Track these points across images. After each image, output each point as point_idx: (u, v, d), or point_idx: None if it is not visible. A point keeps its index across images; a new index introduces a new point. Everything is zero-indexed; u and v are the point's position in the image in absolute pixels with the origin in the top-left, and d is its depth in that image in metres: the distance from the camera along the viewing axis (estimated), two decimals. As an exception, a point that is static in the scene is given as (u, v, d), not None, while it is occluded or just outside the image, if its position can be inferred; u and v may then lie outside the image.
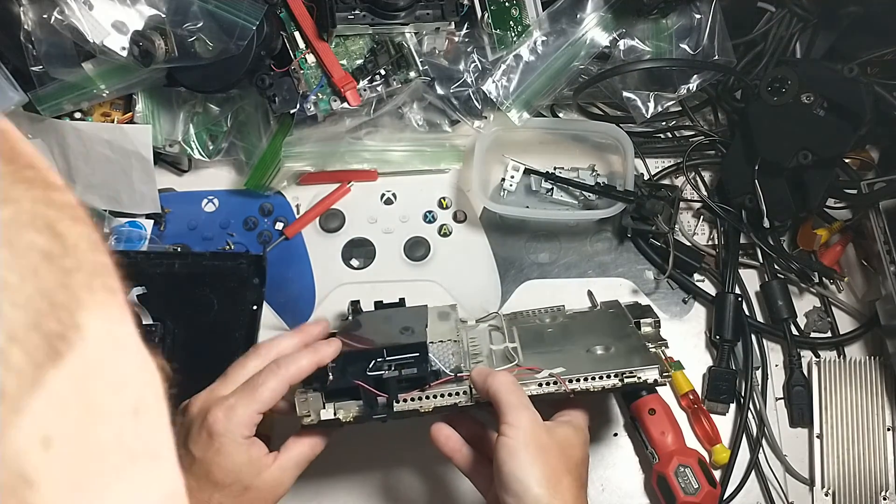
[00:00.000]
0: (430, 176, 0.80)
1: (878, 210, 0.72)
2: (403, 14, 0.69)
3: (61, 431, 0.16)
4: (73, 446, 0.16)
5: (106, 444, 0.17)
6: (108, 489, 0.17)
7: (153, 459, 0.19)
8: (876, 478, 0.70)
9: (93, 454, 0.17)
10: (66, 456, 0.16)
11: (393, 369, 0.58)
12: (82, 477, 0.16)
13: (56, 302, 0.16)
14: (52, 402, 0.16)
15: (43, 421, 0.15)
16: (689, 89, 0.75)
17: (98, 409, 0.17)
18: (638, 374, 0.59)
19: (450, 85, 0.75)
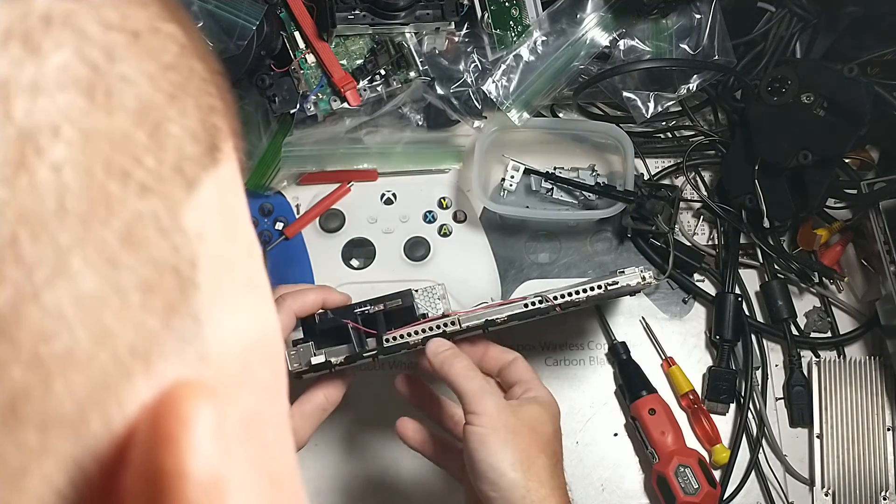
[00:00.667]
0: (430, 176, 0.80)
1: (878, 210, 0.72)
2: (403, 14, 0.69)
3: (211, 233, 0.16)
4: (217, 252, 0.17)
5: (236, 263, 0.18)
6: (236, 304, 0.17)
7: (264, 293, 0.20)
8: (876, 478, 0.70)
9: (227, 266, 0.17)
10: (213, 256, 0.16)
11: (379, 305, 0.59)
12: (222, 281, 0.17)
13: (210, 120, 0.17)
14: (203, 201, 0.16)
15: (200, 215, 0.16)
16: (689, 89, 0.75)
17: (231, 232, 0.18)
18: (620, 281, 0.59)
19: (450, 85, 0.75)
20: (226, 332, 0.17)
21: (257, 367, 0.18)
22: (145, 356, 0.14)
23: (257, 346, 0.19)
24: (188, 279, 0.15)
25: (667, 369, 0.75)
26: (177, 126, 0.16)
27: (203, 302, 0.16)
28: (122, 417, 0.14)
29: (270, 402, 0.19)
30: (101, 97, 0.14)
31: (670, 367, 0.74)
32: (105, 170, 0.14)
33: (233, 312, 0.17)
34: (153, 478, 0.13)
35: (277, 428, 0.19)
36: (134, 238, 0.14)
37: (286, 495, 0.18)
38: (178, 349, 0.15)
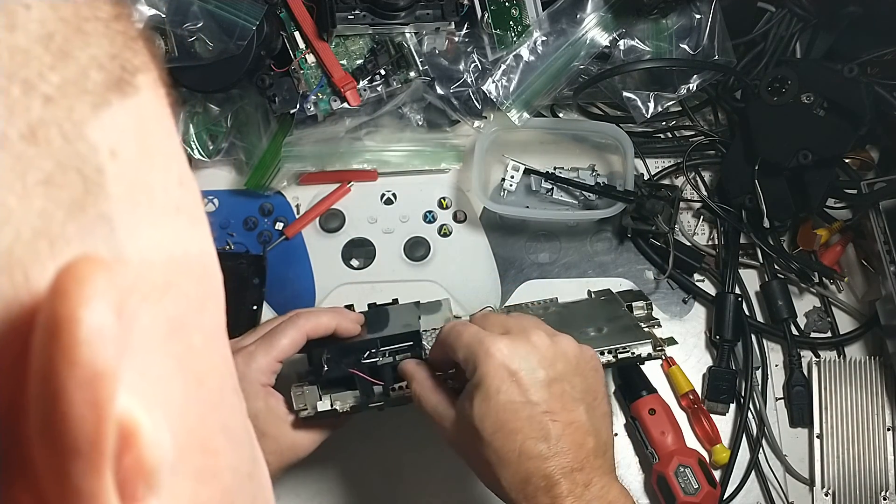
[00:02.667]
0: (430, 176, 0.80)
1: (878, 210, 0.72)
2: (403, 14, 0.69)
3: (124, 153, 0.18)
4: (132, 171, 0.19)
5: (156, 187, 0.20)
6: (157, 222, 0.19)
7: (195, 220, 0.22)
8: (876, 478, 0.70)
9: (146, 187, 0.19)
10: (127, 173, 0.18)
11: (388, 356, 0.58)
12: (139, 197, 0.19)
13: (122, 54, 0.19)
14: (116, 123, 0.18)
15: (110, 134, 0.18)
16: (689, 89, 0.75)
17: (151, 157, 0.20)
18: (632, 350, 0.59)
19: (450, 85, 0.75)
20: (147, 241, 0.19)
21: (183, 280, 0.20)
22: (50, 239, 0.16)
23: (183, 262, 0.21)
24: (94, 183, 0.17)
25: (667, 369, 0.75)
26: (83, 54, 0.18)
27: (116, 209, 0.18)
28: (29, 291, 0.16)
29: (197, 312, 0.21)
30: (2, 18, 0.16)
31: (670, 367, 0.74)
32: (5, 76, 0.16)
33: (155, 227, 0.19)
34: (51, 324, 0.15)
35: (205, 335, 0.21)
36: (37, 137, 0.16)
37: (207, 392, 0.20)
38: (85, 240, 0.17)
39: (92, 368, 0.15)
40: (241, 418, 0.24)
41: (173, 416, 0.17)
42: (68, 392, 0.15)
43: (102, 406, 0.15)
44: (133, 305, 0.18)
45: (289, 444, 0.59)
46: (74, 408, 0.15)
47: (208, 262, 0.22)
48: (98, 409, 0.15)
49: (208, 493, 0.20)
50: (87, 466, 0.15)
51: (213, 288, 0.22)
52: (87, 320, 0.15)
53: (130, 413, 0.16)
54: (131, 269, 0.18)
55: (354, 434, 0.69)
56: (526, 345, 0.51)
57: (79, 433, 0.15)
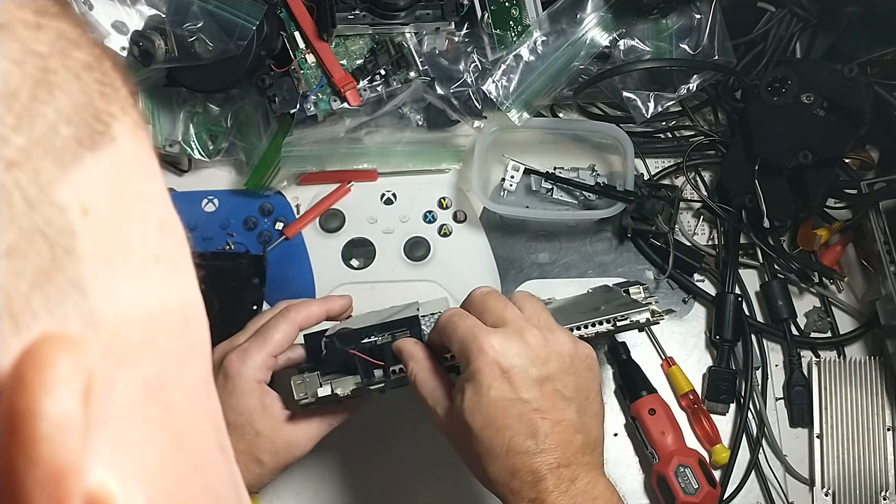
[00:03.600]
0: (430, 176, 0.80)
1: (878, 210, 0.72)
2: (403, 14, 0.69)
3: (97, 209, 0.17)
4: (106, 227, 0.18)
5: (134, 239, 0.19)
6: (135, 277, 0.18)
7: (176, 267, 0.21)
8: (876, 478, 0.70)
9: (122, 242, 0.18)
10: (100, 230, 0.17)
11: (387, 336, 0.58)
12: (114, 254, 0.18)
13: (94, 104, 0.18)
14: (88, 179, 0.17)
15: (81, 191, 0.17)
16: (689, 89, 0.75)
17: (127, 209, 0.19)
18: (629, 317, 0.59)
19: (450, 85, 0.75)
20: (123, 299, 0.18)
21: (161, 335, 0.19)
22: (12, 315, 0.15)
23: (162, 317, 0.19)
24: (63, 248, 0.16)
25: (667, 369, 0.75)
26: (49, 109, 0.17)
27: (88, 271, 0.17)
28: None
29: (177, 369, 0.20)
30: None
31: (670, 368, 0.74)
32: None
33: (131, 284, 0.18)
34: (10, 417, 0.14)
35: (186, 393, 0.20)
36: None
37: (187, 453, 0.19)
38: (53, 310, 0.16)
39: (54, 465, 0.14)
40: (225, 475, 0.23)
41: (150, 483, 0.17)
42: (30, 492, 0.14)
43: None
44: (108, 370, 0.17)
45: (284, 444, 0.58)
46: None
47: (190, 311, 0.21)
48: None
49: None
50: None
51: (196, 339, 0.21)
52: (48, 412, 0.14)
53: (104, 487, 0.15)
54: (105, 333, 0.17)
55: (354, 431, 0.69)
56: (519, 342, 0.51)
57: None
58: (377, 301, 0.74)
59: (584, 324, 0.59)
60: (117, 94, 0.19)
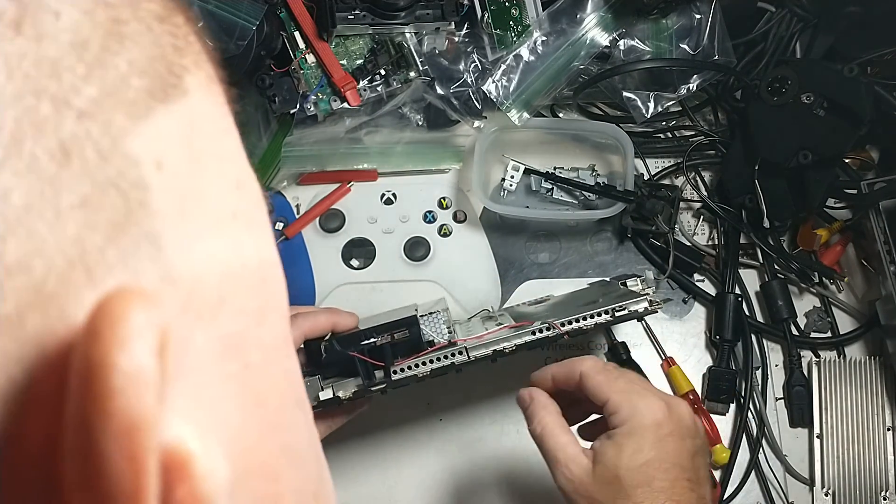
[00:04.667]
0: (430, 176, 0.80)
1: (878, 210, 0.72)
2: (403, 14, 0.69)
3: (171, 163, 0.17)
4: (181, 182, 0.17)
5: (210, 195, 0.18)
6: (211, 233, 0.18)
7: (253, 225, 0.20)
8: (876, 478, 0.70)
9: (198, 197, 0.18)
10: (175, 185, 0.17)
11: (386, 337, 0.58)
12: (190, 209, 0.17)
13: (167, 57, 0.17)
14: (161, 132, 0.17)
15: (155, 144, 0.16)
16: (689, 89, 0.75)
17: (202, 164, 0.18)
18: (628, 307, 0.59)
19: (450, 85, 0.75)
20: (200, 256, 0.17)
21: (239, 293, 0.19)
22: (87, 267, 0.15)
23: (239, 274, 0.19)
24: (137, 201, 0.16)
25: (667, 369, 0.75)
26: (121, 60, 0.16)
27: (163, 225, 0.17)
28: (66, 325, 0.15)
29: (255, 327, 0.19)
30: (28, 27, 0.15)
31: (670, 367, 0.74)
32: (33, 94, 0.14)
33: (208, 240, 0.18)
34: (84, 371, 0.14)
35: (264, 351, 0.20)
36: (70, 157, 0.15)
37: (266, 412, 0.19)
38: (128, 264, 0.16)
39: (128, 419, 0.14)
40: (305, 435, 0.22)
41: (229, 442, 0.16)
42: (103, 445, 0.13)
43: (140, 459, 0.14)
44: (184, 326, 0.17)
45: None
46: (110, 462, 0.14)
47: (268, 270, 0.21)
48: (136, 462, 0.14)
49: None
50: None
51: (274, 298, 0.21)
52: (123, 366, 0.13)
53: (182, 443, 0.15)
54: (182, 289, 0.17)
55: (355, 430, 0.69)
56: (678, 415, 0.52)
57: (116, 488, 0.14)
58: (377, 301, 0.74)
59: (583, 315, 0.59)
60: (190, 47, 0.19)
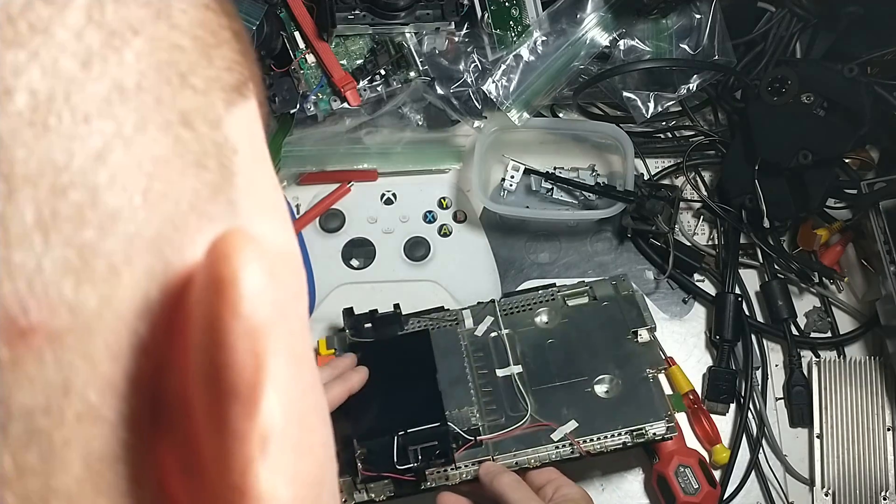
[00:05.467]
0: (430, 176, 0.80)
1: (878, 210, 0.72)
2: (403, 14, 0.69)
3: (241, 151, 0.20)
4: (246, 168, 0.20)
5: (261, 186, 0.22)
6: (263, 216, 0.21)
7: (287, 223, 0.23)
8: (876, 478, 0.70)
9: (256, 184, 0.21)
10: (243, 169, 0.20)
11: (420, 458, 0.63)
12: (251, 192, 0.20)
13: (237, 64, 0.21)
14: (237, 123, 0.20)
15: (234, 132, 0.20)
16: (689, 89, 0.75)
17: (258, 159, 0.22)
18: (647, 430, 0.64)
19: (450, 85, 0.75)
20: (258, 229, 0.20)
21: (283, 270, 0.22)
22: (198, 214, 0.18)
23: (283, 253, 0.22)
24: (228, 171, 0.19)
25: (667, 369, 0.75)
26: (218, 56, 0.20)
27: (240, 197, 0.20)
28: (182, 259, 0.18)
29: (294, 302, 0.23)
30: (164, 18, 0.18)
31: (670, 367, 0.74)
32: (169, 67, 0.18)
33: (262, 220, 0.21)
34: (216, 283, 0.16)
35: (300, 322, 0.23)
36: (191, 123, 0.18)
37: (304, 372, 0.22)
38: (221, 220, 0.19)
39: (254, 321, 0.16)
40: (325, 402, 0.25)
41: (280, 390, 0.19)
42: (232, 340, 0.16)
43: (261, 355, 0.17)
44: None
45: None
46: (238, 354, 0.16)
47: (298, 260, 0.24)
48: (258, 357, 0.16)
49: (305, 466, 0.21)
50: (244, 410, 0.17)
51: (303, 283, 0.24)
52: (249, 279, 0.16)
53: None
54: None
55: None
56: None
57: (240, 378, 0.16)
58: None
59: (604, 435, 0.64)
60: (251, 60, 0.22)
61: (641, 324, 0.69)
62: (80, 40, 0.16)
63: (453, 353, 0.69)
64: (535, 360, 0.69)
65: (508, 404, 0.67)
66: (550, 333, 0.70)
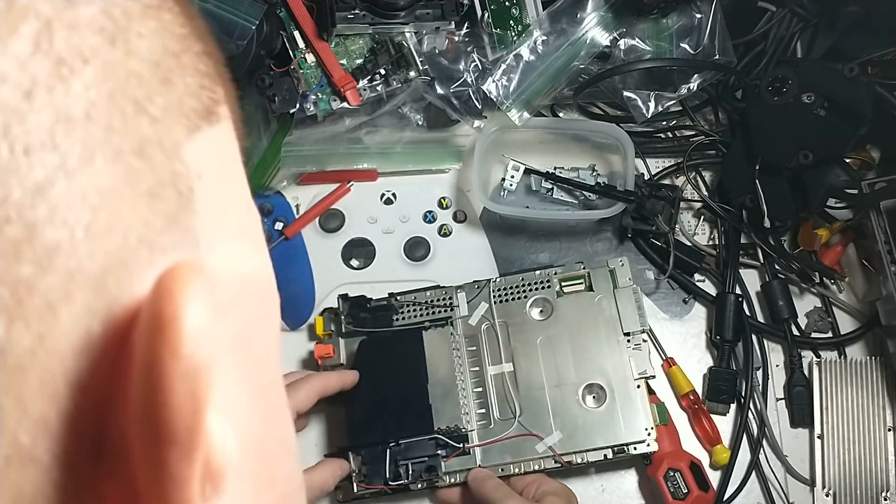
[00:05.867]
0: (430, 176, 0.80)
1: (878, 210, 0.72)
2: (403, 14, 0.69)
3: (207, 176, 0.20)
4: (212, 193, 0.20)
5: (230, 209, 0.21)
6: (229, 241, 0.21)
7: (258, 245, 0.23)
8: (877, 478, 0.70)
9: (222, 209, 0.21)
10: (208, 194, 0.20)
11: (410, 474, 0.67)
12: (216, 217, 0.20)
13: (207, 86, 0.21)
14: (202, 148, 0.20)
15: (198, 157, 0.19)
16: (690, 89, 0.75)
17: (227, 183, 0.21)
18: (626, 449, 0.67)
19: (450, 85, 0.75)
20: (221, 257, 0.20)
21: (248, 296, 0.22)
22: (150, 246, 0.17)
23: (249, 279, 0.22)
24: (186, 199, 0.19)
25: (667, 370, 0.75)
26: (181, 82, 0.19)
27: (200, 225, 0.19)
28: (131, 293, 0.17)
29: (260, 328, 0.22)
30: (121, 44, 0.18)
31: (671, 368, 0.74)
32: (123, 96, 0.17)
33: (227, 246, 0.21)
34: (156, 321, 0.16)
35: (266, 350, 0.23)
36: (144, 153, 0.18)
37: (270, 404, 0.22)
38: (177, 250, 0.18)
39: (193, 362, 0.16)
40: (292, 431, 0.25)
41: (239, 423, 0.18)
42: (170, 381, 0.16)
43: (200, 398, 0.16)
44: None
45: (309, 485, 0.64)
46: (175, 397, 0.16)
47: (268, 283, 0.24)
48: (196, 400, 0.16)
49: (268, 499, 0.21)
50: (182, 454, 0.16)
51: (273, 307, 0.24)
52: (191, 318, 0.16)
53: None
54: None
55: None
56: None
57: (177, 421, 0.16)
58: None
59: (585, 450, 0.67)
60: (222, 80, 0.22)
61: (634, 326, 0.69)
62: (25, 70, 0.16)
63: (445, 353, 0.71)
64: (526, 358, 0.70)
65: (497, 408, 0.69)
66: (543, 330, 0.70)
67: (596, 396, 0.68)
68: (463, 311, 0.72)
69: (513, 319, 0.71)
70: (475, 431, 0.68)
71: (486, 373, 0.70)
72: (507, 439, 0.67)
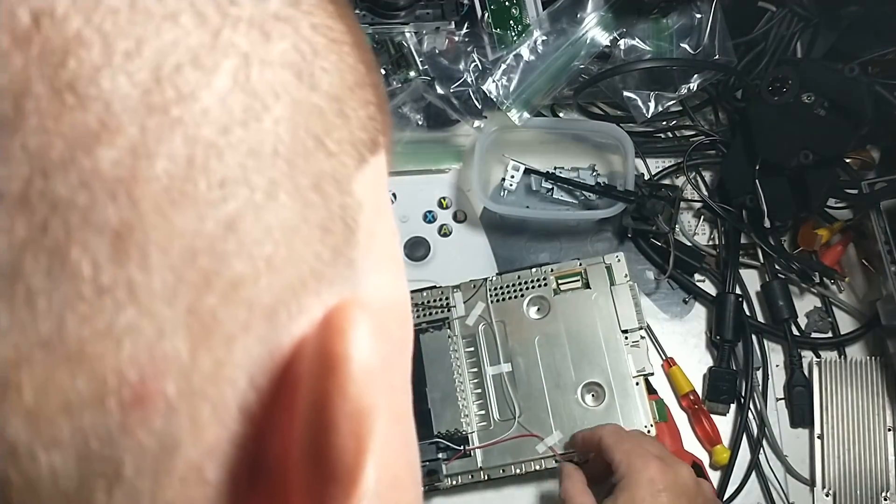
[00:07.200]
0: (430, 176, 0.80)
1: (878, 210, 0.72)
2: (403, 14, 0.69)
3: (366, 206, 0.20)
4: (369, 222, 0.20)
5: (380, 237, 0.22)
6: (379, 268, 0.21)
7: (399, 270, 0.24)
8: (877, 478, 0.70)
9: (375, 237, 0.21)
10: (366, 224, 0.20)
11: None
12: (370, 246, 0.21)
13: (372, 115, 0.21)
14: (365, 178, 0.20)
15: (363, 188, 0.20)
16: (690, 89, 0.75)
17: (380, 210, 0.22)
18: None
19: (450, 84, 0.75)
20: (371, 286, 0.21)
21: (391, 323, 0.23)
22: (318, 279, 0.18)
23: (392, 306, 0.23)
24: (351, 231, 0.19)
25: (667, 370, 0.75)
26: (353, 114, 0.20)
27: (359, 255, 0.20)
28: (299, 325, 0.17)
29: (398, 354, 0.23)
30: (306, 78, 0.18)
31: (671, 368, 0.74)
32: (306, 131, 0.18)
33: (377, 273, 0.21)
34: (327, 359, 0.16)
35: (403, 376, 0.23)
36: (320, 187, 0.18)
37: (401, 430, 0.22)
38: (341, 283, 0.19)
39: (359, 404, 0.16)
40: (418, 459, 0.25)
41: (377, 454, 0.18)
42: (337, 422, 0.16)
43: (363, 439, 0.16)
44: None
45: None
46: (340, 438, 0.16)
47: (406, 309, 0.25)
48: (360, 441, 0.16)
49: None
50: (342, 491, 0.17)
51: (409, 333, 0.25)
52: (360, 360, 0.16)
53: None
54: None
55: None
56: (674, 474, 0.58)
57: (340, 461, 0.16)
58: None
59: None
60: (383, 112, 0.22)
61: (632, 323, 0.69)
62: (224, 106, 0.16)
63: (443, 357, 0.70)
64: (524, 358, 0.70)
65: (497, 408, 0.68)
66: (541, 329, 0.70)
67: (595, 395, 0.68)
68: (460, 311, 0.72)
69: (510, 318, 0.71)
70: (475, 433, 0.68)
71: (484, 373, 0.70)
72: (508, 440, 0.67)
